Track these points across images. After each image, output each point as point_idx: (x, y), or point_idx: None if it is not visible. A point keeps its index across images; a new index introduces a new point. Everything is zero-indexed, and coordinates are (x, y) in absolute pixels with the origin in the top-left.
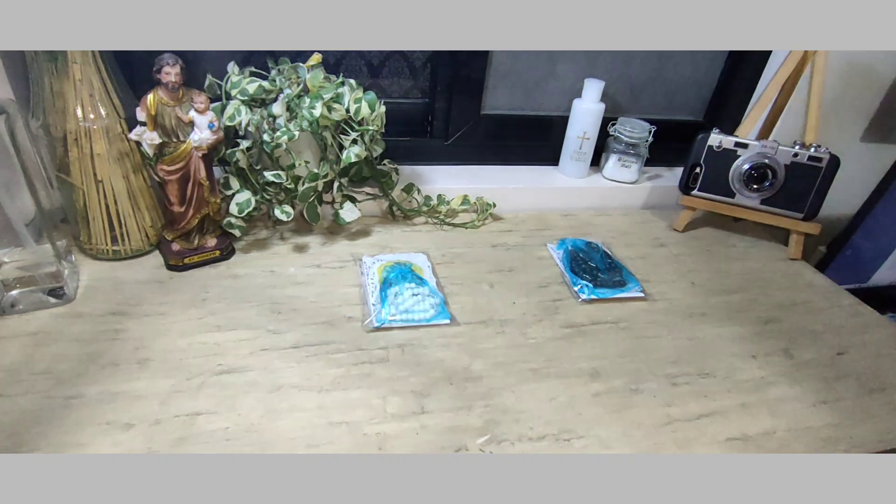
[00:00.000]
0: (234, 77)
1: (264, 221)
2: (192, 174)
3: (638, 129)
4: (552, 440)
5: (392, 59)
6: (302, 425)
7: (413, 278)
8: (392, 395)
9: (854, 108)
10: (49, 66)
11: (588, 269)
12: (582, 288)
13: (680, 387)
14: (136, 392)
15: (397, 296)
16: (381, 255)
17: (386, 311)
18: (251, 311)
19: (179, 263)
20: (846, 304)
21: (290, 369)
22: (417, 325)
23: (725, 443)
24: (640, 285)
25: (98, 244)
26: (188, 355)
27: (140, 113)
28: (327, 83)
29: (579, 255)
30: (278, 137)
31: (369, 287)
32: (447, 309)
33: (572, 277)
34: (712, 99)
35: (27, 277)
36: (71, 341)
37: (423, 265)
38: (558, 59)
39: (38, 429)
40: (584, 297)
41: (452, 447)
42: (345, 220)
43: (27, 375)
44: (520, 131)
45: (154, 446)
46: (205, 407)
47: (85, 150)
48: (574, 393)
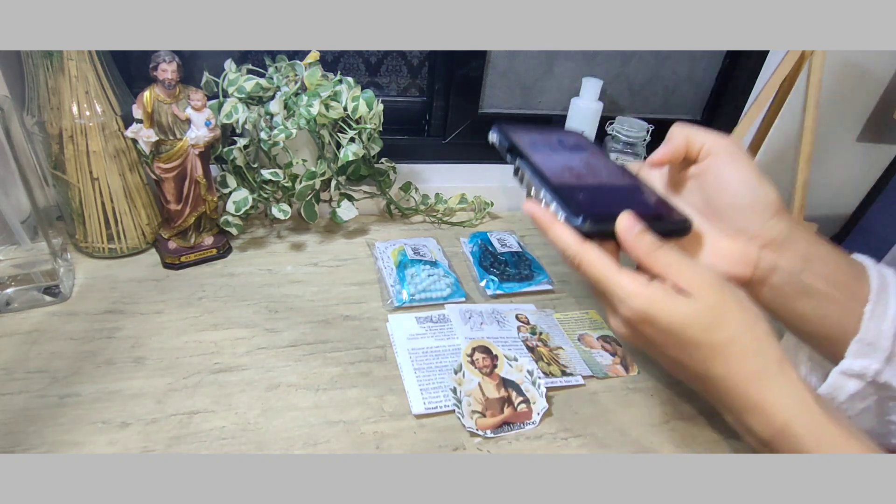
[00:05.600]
0: (231, 74)
1: (261, 220)
2: (189, 172)
3: (636, 128)
4: (550, 439)
5: (390, 57)
6: (299, 424)
7: (426, 261)
8: (389, 393)
9: (851, 108)
10: (45, 63)
11: (497, 263)
12: (488, 283)
13: (677, 385)
14: (132, 391)
15: (414, 277)
16: (393, 240)
17: (406, 290)
18: (248, 310)
19: (176, 262)
20: None
21: (287, 368)
22: (435, 303)
23: (723, 442)
24: (549, 277)
25: (94, 242)
26: (184, 354)
27: (136, 110)
28: (325, 81)
29: (488, 249)
30: (275, 135)
31: (385, 270)
32: (462, 288)
33: (480, 272)
34: (710, 98)
35: (22, 275)
36: (66, 340)
37: (434, 248)
38: (556, 58)
39: (34, 428)
40: (490, 292)
41: (450, 446)
42: (342, 218)
43: (22, 374)
44: None
45: (150, 445)
46: (201, 406)
47: (81, 147)
48: (572, 391)
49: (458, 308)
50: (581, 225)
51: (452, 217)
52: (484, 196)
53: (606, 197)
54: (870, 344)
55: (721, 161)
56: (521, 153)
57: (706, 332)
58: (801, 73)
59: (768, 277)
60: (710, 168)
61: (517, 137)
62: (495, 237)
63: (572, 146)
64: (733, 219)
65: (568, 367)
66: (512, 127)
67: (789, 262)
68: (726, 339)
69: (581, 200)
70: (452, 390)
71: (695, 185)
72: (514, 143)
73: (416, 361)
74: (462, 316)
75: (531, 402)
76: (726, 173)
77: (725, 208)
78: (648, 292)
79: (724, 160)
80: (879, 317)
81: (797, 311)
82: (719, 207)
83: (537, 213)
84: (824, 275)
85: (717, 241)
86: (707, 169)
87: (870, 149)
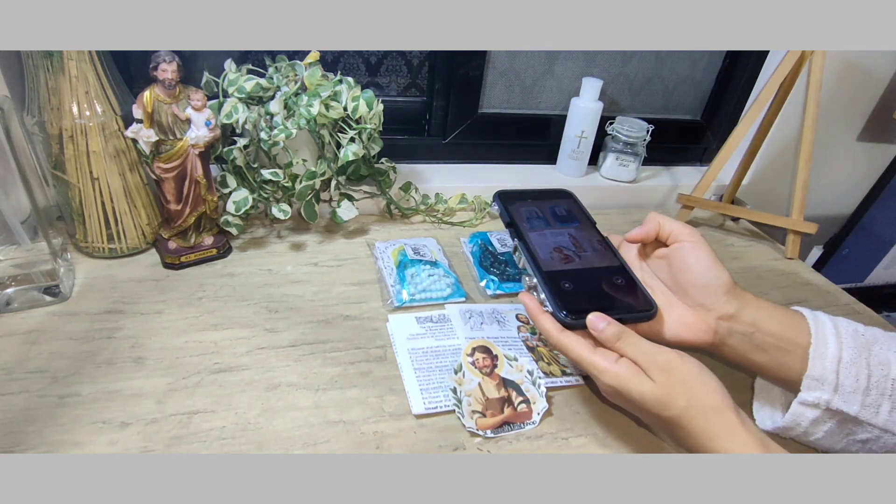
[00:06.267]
0: (231, 74)
1: (261, 220)
2: (189, 172)
3: (636, 128)
4: (550, 439)
5: (390, 57)
6: (299, 424)
7: (426, 261)
8: (389, 393)
9: (851, 107)
10: (45, 63)
11: (497, 262)
12: (488, 283)
13: None
14: (131, 391)
15: (414, 276)
16: (393, 240)
17: (406, 290)
18: (248, 310)
19: (176, 262)
20: (843, 303)
21: (287, 368)
22: (436, 303)
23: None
24: None
25: (94, 242)
26: (185, 354)
27: (136, 110)
28: (325, 81)
29: (489, 249)
30: (276, 135)
31: (385, 270)
32: (462, 288)
33: (480, 272)
34: (710, 98)
35: (22, 275)
36: (66, 340)
37: (434, 248)
38: (556, 58)
39: (33, 428)
40: (490, 292)
41: (450, 446)
42: (342, 218)
43: (22, 374)
44: (518, 130)
45: (150, 445)
46: (201, 406)
47: (81, 147)
48: (573, 391)
49: (459, 308)
50: (563, 319)
51: (452, 217)
52: (484, 196)
53: (587, 286)
54: (817, 379)
55: (685, 248)
56: (519, 231)
57: (662, 408)
58: (801, 73)
59: (726, 340)
60: (676, 252)
61: (515, 211)
62: (495, 237)
63: (564, 217)
64: (694, 295)
65: (568, 367)
66: (510, 198)
67: (742, 328)
68: (678, 412)
69: (564, 294)
70: (452, 390)
71: (664, 264)
72: (512, 219)
73: (416, 361)
74: (462, 316)
75: (531, 402)
76: (688, 258)
77: (687, 286)
78: (615, 370)
79: (688, 247)
80: (821, 356)
81: (756, 362)
82: (683, 284)
83: (528, 304)
84: (772, 332)
85: (683, 314)
86: (674, 252)
87: (870, 149)
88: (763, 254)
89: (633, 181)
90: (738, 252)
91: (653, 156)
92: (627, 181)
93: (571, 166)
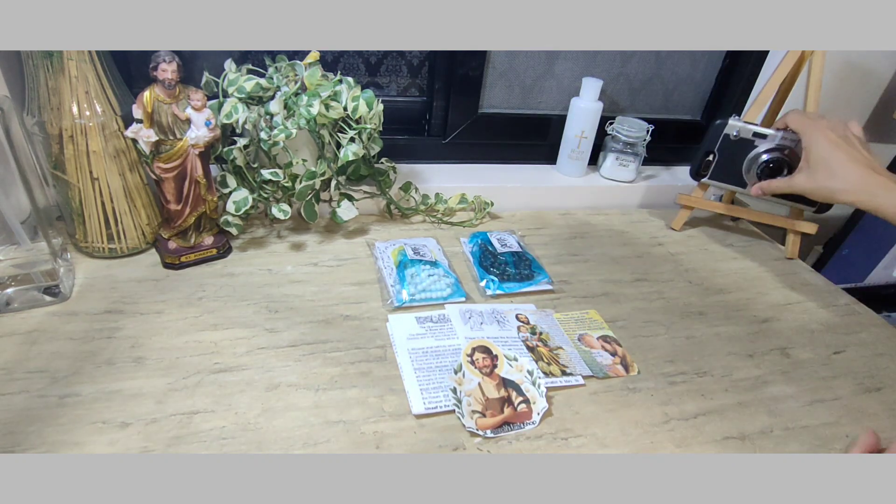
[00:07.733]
0: (231, 74)
1: (261, 220)
2: (189, 172)
3: (636, 128)
4: (550, 439)
5: (390, 57)
6: (299, 424)
7: (426, 261)
8: (389, 393)
9: (851, 107)
10: (45, 63)
11: (497, 263)
12: (488, 283)
13: (677, 385)
14: (132, 391)
15: (414, 277)
16: (393, 240)
17: (406, 290)
18: (248, 310)
19: (176, 262)
20: (842, 303)
21: (286, 368)
22: (435, 303)
23: (722, 441)
24: (548, 277)
25: (94, 242)
26: (184, 354)
27: (136, 110)
28: (325, 81)
29: (489, 249)
30: (276, 135)
31: (385, 270)
32: (462, 288)
33: (480, 272)
34: (710, 98)
35: (22, 275)
36: (66, 340)
37: (434, 248)
38: (556, 58)
39: (34, 428)
40: (490, 292)
41: (450, 446)
42: (342, 218)
43: (22, 374)
44: (518, 130)
45: (150, 445)
46: (201, 406)
47: (81, 147)
48: (571, 391)
49: (458, 308)
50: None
51: (452, 217)
52: (484, 196)
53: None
54: None
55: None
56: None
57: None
58: (801, 73)
59: None
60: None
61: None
62: (495, 237)
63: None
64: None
65: (568, 367)
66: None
67: None
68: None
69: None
70: (452, 390)
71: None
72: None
73: (416, 361)
74: (462, 316)
75: (531, 402)
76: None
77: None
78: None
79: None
80: None
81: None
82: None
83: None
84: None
85: None
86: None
87: (870, 148)
88: (763, 254)
89: (633, 181)
90: (739, 252)
91: (653, 156)
92: (627, 181)
93: (571, 166)
